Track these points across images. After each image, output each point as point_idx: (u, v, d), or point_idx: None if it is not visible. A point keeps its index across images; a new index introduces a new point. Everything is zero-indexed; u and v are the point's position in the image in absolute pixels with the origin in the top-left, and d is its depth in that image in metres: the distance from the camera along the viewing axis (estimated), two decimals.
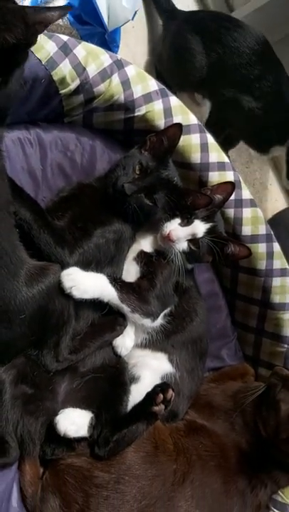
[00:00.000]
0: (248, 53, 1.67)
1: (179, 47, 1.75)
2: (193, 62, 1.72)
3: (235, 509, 1.28)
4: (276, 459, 1.31)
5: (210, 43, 1.71)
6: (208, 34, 1.72)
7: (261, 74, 1.67)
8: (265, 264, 1.54)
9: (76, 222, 1.21)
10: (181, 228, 1.29)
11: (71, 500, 1.14)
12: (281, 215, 2.22)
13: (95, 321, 1.25)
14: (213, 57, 1.71)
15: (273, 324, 1.60)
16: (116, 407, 1.22)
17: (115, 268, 1.29)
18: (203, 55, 1.72)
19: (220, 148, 1.48)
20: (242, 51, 1.67)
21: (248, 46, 1.68)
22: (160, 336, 1.35)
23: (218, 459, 1.30)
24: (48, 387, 1.17)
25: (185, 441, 1.30)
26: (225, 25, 1.74)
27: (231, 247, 1.33)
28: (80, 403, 1.19)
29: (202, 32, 1.73)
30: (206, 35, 1.72)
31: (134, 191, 1.21)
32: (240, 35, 1.69)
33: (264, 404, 1.34)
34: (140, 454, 1.21)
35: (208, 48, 1.71)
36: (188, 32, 1.74)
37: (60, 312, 1.13)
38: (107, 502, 1.13)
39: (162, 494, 1.18)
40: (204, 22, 1.80)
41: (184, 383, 1.38)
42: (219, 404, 1.44)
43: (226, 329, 1.69)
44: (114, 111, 1.34)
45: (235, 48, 1.68)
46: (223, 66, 1.70)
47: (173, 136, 1.29)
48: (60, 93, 1.22)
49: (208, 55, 1.71)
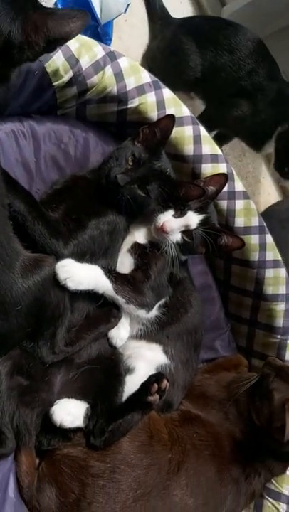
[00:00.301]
0: (241, 52, 1.68)
1: (174, 48, 1.77)
2: (187, 61, 1.74)
3: (230, 497, 1.30)
4: (269, 447, 1.33)
5: (203, 43, 1.73)
6: (202, 35, 1.74)
7: (254, 72, 1.69)
8: (258, 255, 1.55)
9: (70, 214, 1.21)
10: (174, 220, 1.30)
11: (67, 490, 1.15)
12: (274, 208, 2.24)
13: (90, 312, 1.26)
14: (207, 56, 1.72)
15: (266, 315, 1.61)
16: (111, 397, 1.23)
17: (110, 260, 1.29)
18: (197, 54, 1.73)
19: (213, 140, 1.49)
20: (234, 50, 1.68)
21: (240, 44, 1.69)
22: (155, 327, 1.36)
23: (213, 448, 1.32)
24: (43, 379, 1.18)
25: (180, 431, 1.31)
26: (217, 25, 1.76)
27: (224, 238, 1.34)
28: (76, 394, 1.20)
29: (195, 33, 1.75)
30: (200, 35, 1.74)
31: (127, 182, 1.21)
32: (232, 33, 1.71)
33: (257, 393, 1.36)
34: (135, 443, 1.22)
35: (202, 47, 1.73)
36: (182, 34, 1.76)
37: (55, 304, 1.13)
38: (102, 491, 1.15)
39: (157, 483, 1.19)
40: (197, 24, 1.82)
41: (178, 374, 1.39)
42: (213, 394, 1.45)
43: (220, 321, 1.70)
44: (108, 103, 1.34)
45: (227, 47, 1.69)
46: (217, 65, 1.71)
47: (166, 128, 1.30)
48: (54, 85, 1.22)
49: (202, 55, 1.73)
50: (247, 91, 1.67)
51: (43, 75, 1.18)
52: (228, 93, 1.70)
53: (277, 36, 2.03)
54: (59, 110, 1.34)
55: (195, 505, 1.23)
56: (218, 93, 1.72)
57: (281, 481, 1.51)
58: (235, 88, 1.68)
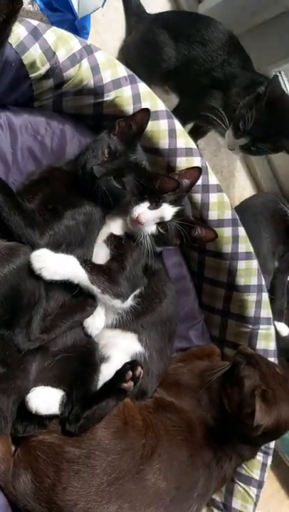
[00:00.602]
0: (213, 43, 1.71)
1: (148, 41, 1.78)
2: (160, 54, 1.76)
3: (201, 481, 1.33)
4: (240, 432, 1.37)
5: (176, 36, 1.75)
6: (175, 28, 1.76)
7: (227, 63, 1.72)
8: (230, 247, 1.58)
9: (46, 205, 1.23)
10: (149, 211, 1.32)
11: (43, 475, 1.17)
12: (247, 203, 2.28)
13: (66, 302, 1.27)
14: (180, 48, 1.75)
15: (238, 306, 1.65)
16: (87, 385, 1.24)
17: (85, 250, 1.31)
18: (171, 46, 1.75)
19: (187, 134, 1.52)
20: (207, 42, 1.71)
21: (213, 36, 1.72)
22: (130, 317, 1.38)
23: (185, 433, 1.35)
24: (19, 366, 1.19)
25: (153, 417, 1.35)
26: (189, 18, 1.79)
27: (198, 230, 1.37)
28: (52, 382, 1.22)
29: (169, 26, 1.77)
30: (173, 28, 1.76)
31: (103, 173, 1.23)
32: (204, 26, 1.74)
33: (229, 381, 1.40)
34: (110, 429, 1.25)
35: (175, 40, 1.75)
36: (155, 27, 1.78)
37: (31, 292, 1.15)
38: (77, 476, 1.17)
39: (131, 467, 1.22)
40: (170, 18, 1.84)
41: (152, 362, 1.42)
42: (186, 382, 1.49)
43: (194, 311, 1.74)
44: (84, 95, 1.36)
45: (200, 39, 1.72)
46: (190, 57, 1.74)
47: (141, 121, 1.32)
48: (30, 77, 1.23)
49: (175, 47, 1.75)
50: (220, 81, 1.70)
51: (20, 66, 1.19)
52: (201, 84, 1.72)
53: (252, 34, 2.06)
54: (36, 102, 1.35)
55: (168, 488, 1.26)
56: (191, 84, 1.74)
57: (251, 465, 1.56)
58: (208, 79, 1.71)
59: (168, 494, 1.26)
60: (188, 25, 1.74)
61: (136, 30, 1.88)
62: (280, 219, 2.25)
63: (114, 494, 1.18)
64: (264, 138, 1.45)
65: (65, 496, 1.15)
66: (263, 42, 2.07)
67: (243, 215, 1.87)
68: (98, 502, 1.17)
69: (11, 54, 1.16)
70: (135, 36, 1.86)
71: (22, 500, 1.17)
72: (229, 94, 1.69)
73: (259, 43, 2.04)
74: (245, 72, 1.72)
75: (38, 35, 1.19)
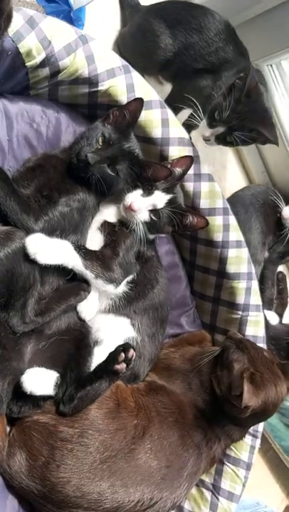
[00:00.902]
0: (209, 31, 1.73)
1: (144, 30, 1.79)
2: (157, 42, 1.77)
3: (191, 460, 1.37)
4: (229, 414, 1.40)
5: (173, 24, 1.77)
6: (171, 16, 1.77)
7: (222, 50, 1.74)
8: (221, 236, 1.61)
9: (41, 191, 1.25)
10: (142, 199, 1.35)
11: (37, 454, 1.21)
12: (238, 194, 2.32)
13: (60, 286, 1.30)
14: (177, 36, 1.76)
15: (228, 293, 1.69)
16: (80, 367, 1.28)
17: (79, 236, 1.33)
18: (167, 35, 1.77)
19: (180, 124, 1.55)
20: (203, 29, 1.73)
21: (209, 24, 1.74)
22: (123, 302, 1.41)
23: (176, 415, 1.39)
24: (14, 348, 1.22)
25: (145, 400, 1.38)
26: (185, 7, 1.80)
27: (190, 217, 1.40)
28: (46, 363, 1.25)
29: (165, 15, 1.78)
30: (169, 17, 1.78)
31: (97, 161, 1.26)
32: (200, 14, 1.75)
33: (219, 364, 1.43)
34: (103, 410, 1.29)
35: (171, 28, 1.77)
36: (152, 17, 1.80)
37: (26, 276, 1.18)
38: (71, 454, 1.21)
39: (123, 446, 1.26)
40: (166, 7, 1.85)
41: (145, 347, 1.46)
42: (178, 366, 1.53)
43: (186, 298, 1.78)
44: (79, 85, 1.38)
45: (196, 26, 1.73)
46: (186, 44, 1.75)
47: (135, 110, 1.34)
48: (26, 65, 1.24)
49: (171, 35, 1.77)
50: (213, 65, 1.72)
51: (16, 55, 1.20)
52: (194, 68, 1.74)
53: (244, 28, 2.08)
54: (31, 91, 1.37)
55: (158, 467, 1.30)
56: (185, 69, 1.76)
57: (240, 448, 1.60)
58: (202, 63, 1.73)
59: (159, 472, 1.30)
60: (184, 14, 1.75)
61: (131, 22, 1.90)
62: (270, 210, 2.28)
63: (107, 472, 1.22)
64: (240, 127, 1.47)
65: (58, 473, 1.19)
66: (255, 36, 2.09)
67: (234, 206, 1.90)
68: (91, 479, 1.20)
69: (7, 42, 1.18)
70: (131, 27, 1.88)
71: (16, 477, 1.21)
72: (219, 78, 1.71)
73: (251, 37, 2.06)
74: (239, 59, 1.74)
75: (35, 25, 1.20)
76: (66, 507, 1.21)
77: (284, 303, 2.45)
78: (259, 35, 2.10)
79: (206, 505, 1.59)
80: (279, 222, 2.30)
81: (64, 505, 1.21)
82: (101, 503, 1.21)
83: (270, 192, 2.34)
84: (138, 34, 1.82)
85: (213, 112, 1.46)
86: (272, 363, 1.40)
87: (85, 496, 1.20)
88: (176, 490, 1.34)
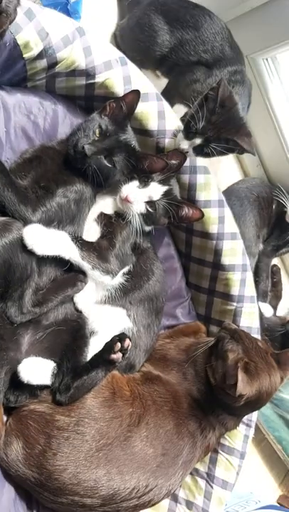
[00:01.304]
0: (206, 31, 1.74)
1: (143, 24, 1.80)
2: (155, 38, 1.78)
3: (187, 448, 1.39)
4: (223, 403, 1.42)
5: (171, 21, 1.78)
6: (170, 13, 1.79)
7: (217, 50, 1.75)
8: (217, 228, 1.63)
9: (39, 182, 1.26)
10: (138, 190, 1.36)
11: (34, 442, 1.22)
12: (234, 187, 2.33)
13: (57, 277, 1.31)
14: (174, 33, 1.78)
15: (223, 284, 1.71)
16: (77, 357, 1.29)
17: (76, 227, 1.34)
18: (165, 31, 1.78)
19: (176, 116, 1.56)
20: (200, 28, 1.74)
21: (206, 23, 1.75)
22: (119, 293, 1.43)
23: (171, 404, 1.41)
24: (11, 338, 1.23)
25: (141, 389, 1.40)
26: (185, 5, 1.82)
27: (185, 209, 1.42)
28: (43, 353, 1.26)
29: (164, 11, 1.79)
30: (168, 13, 1.79)
31: (93, 152, 1.26)
32: (199, 13, 1.77)
33: (213, 354, 1.45)
34: (99, 399, 1.30)
35: (170, 24, 1.78)
36: (151, 12, 1.81)
37: (23, 267, 1.18)
38: (67, 442, 1.22)
39: (119, 434, 1.28)
40: (166, 3, 1.86)
41: (140, 337, 1.47)
42: (173, 357, 1.54)
43: (181, 290, 1.79)
44: (76, 76, 1.38)
45: (193, 24, 1.75)
46: (182, 41, 1.77)
47: (131, 102, 1.35)
48: (24, 57, 1.25)
49: (169, 31, 1.78)
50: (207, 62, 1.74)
51: (14, 46, 1.21)
52: (189, 61, 1.76)
53: (239, 21, 2.09)
54: (29, 82, 1.37)
55: (154, 455, 1.31)
56: (180, 63, 1.77)
57: (234, 437, 1.63)
58: (196, 57, 1.74)
59: (154, 460, 1.31)
60: (183, 11, 1.77)
61: (130, 15, 1.90)
62: (265, 203, 2.30)
63: (103, 459, 1.24)
64: (216, 138, 1.47)
65: (55, 461, 1.21)
66: (250, 30, 2.10)
67: (229, 199, 1.92)
68: (87, 467, 1.22)
69: (5, 34, 1.18)
70: (129, 21, 1.88)
71: (13, 466, 1.22)
72: (211, 75, 1.73)
73: (247, 31, 2.07)
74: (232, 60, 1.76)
75: (32, 16, 1.21)
76: (63, 494, 1.23)
77: (278, 295, 2.48)
78: (254, 28, 2.11)
79: (201, 493, 1.61)
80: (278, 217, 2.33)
81: (60, 492, 1.22)
82: (97, 490, 1.23)
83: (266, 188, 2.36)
84: (137, 28, 1.83)
85: (188, 123, 1.47)
86: (267, 353, 1.41)
87: (81, 483, 1.21)
88: (171, 477, 1.36)
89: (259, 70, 2.22)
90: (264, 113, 2.31)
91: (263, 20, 2.07)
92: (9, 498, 1.26)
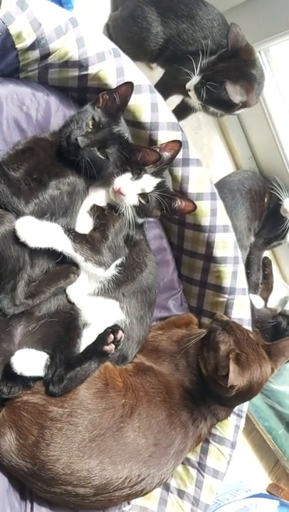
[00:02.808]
0: (201, 18, 1.74)
1: (136, 16, 1.80)
2: (149, 29, 1.78)
3: (178, 438, 1.41)
4: (215, 394, 1.44)
5: (164, 12, 1.78)
6: (163, 4, 1.78)
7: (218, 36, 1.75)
8: (209, 220, 1.63)
9: (31, 174, 1.25)
10: (131, 183, 1.36)
11: (27, 433, 1.23)
12: (226, 180, 2.33)
13: (50, 269, 1.31)
14: (168, 24, 1.77)
15: (215, 276, 1.72)
16: (70, 348, 1.29)
17: (69, 219, 1.34)
18: (159, 22, 1.78)
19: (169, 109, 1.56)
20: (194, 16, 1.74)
21: (201, 11, 1.75)
22: (112, 285, 1.43)
23: (164, 394, 1.42)
24: (4, 330, 1.23)
25: (133, 380, 1.41)
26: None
27: (178, 201, 1.42)
28: (36, 345, 1.27)
29: (157, 2, 1.79)
30: (161, 4, 1.78)
31: (86, 144, 1.26)
32: (192, 2, 1.76)
33: (205, 346, 1.47)
34: (92, 390, 1.31)
35: (163, 15, 1.78)
36: (144, 3, 1.80)
37: (15, 259, 1.18)
38: (60, 433, 1.23)
39: (112, 425, 1.29)
40: None
41: (133, 329, 1.48)
42: (165, 348, 1.56)
43: (173, 282, 1.80)
44: (69, 68, 1.37)
45: (187, 13, 1.74)
46: (178, 31, 1.76)
47: (124, 94, 1.34)
48: (17, 47, 1.24)
49: (163, 22, 1.78)
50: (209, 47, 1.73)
51: (7, 36, 1.20)
52: (188, 51, 1.75)
53: (232, 13, 2.08)
54: (21, 73, 1.36)
55: (146, 445, 1.33)
56: (177, 53, 1.77)
57: (225, 427, 1.65)
58: (194, 46, 1.74)
59: (147, 450, 1.33)
60: (176, 1, 1.77)
61: (123, 6, 1.89)
62: (257, 196, 2.31)
63: (96, 450, 1.25)
64: (211, 78, 1.47)
65: (48, 451, 1.22)
66: (242, 22, 2.09)
67: (221, 191, 1.93)
68: (80, 457, 1.23)
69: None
70: (123, 12, 1.87)
71: (6, 456, 1.23)
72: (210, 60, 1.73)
73: (240, 23, 2.06)
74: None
75: (25, 6, 1.19)
76: (56, 484, 1.24)
77: (269, 288, 2.50)
78: (247, 21, 2.10)
79: (192, 482, 1.63)
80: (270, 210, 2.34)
81: (54, 482, 1.24)
82: (90, 480, 1.24)
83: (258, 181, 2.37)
84: (130, 20, 1.82)
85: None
86: (258, 345, 1.43)
87: (74, 473, 1.23)
88: (163, 467, 1.38)
89: None
90: (256, 106, 2.31)
91: (256, 13, 2.07)
92: (2, 489, 1.27)
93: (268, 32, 2.08)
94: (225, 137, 2.50)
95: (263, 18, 2.06)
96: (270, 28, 2.06)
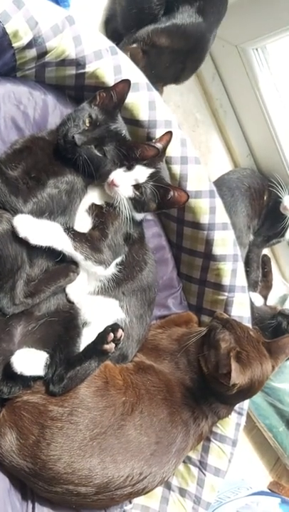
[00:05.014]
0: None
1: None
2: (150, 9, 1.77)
3: (180, 437, 1.41)
4: (216, 392, 1.44)
5: None
6: None
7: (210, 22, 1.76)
8: (208, 218, 1.63)
9: (29, 173, 1.25)
10: (124, 173, 1.35)
11: (27, 433, 1.23)
12: (224, 177, 2.33)
13: (49, 268, 1.31)
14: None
15: (214, 274, 1.71)
16: (69, 347, 1.29)
17: (68, 218, 1.33)
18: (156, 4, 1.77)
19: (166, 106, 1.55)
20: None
21: None
22: (111, 284, 1.43)
23: (165, 393, 1.42)
24: (4, 330, 1.23)
25: (134, 378, 1.41)
26: None
27: (172, 192, 1.40)
28: (36, 344, 1.26)
29: None
30: None
31: (84, 142, 1.26)
32: None
33: (206, 344, 1.46)
34: (92, 388, 1.31)
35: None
36: None
37: (14, 258, 1.18)
38: (61, 432, 1.23)
39: (112, 423, 1.29)
40: None
41: (133, 328, 1.48)
42: (165, 346, 1.55)
43: (172, 280, 1.80)
44: (66, 66, 1.37)
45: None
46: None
47: (122, 91, 1.34)
48: (13, 46, 1.23)
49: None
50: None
51: (3, 35, 1.19)
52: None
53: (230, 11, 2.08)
54: (18, 72, 1.36)
55: (148, 443, 1.33)
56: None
57: (226, 425, 1.65)
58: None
59: (148, 448, 1.33)
60: None
61: None
62: (256, 194, 2.31)
63: (97, 448, 1.25)
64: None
65: (49, 451, 1.21)
66: (240, 19, 2.10)
67: (220, 189, 1.93)
68: (81, 456, 1.23)
69: None
70: None
71: (7, 456, 1.23)
72: None
73: (237, 20, 2.07)
74: None
75: (21, 5, 1.19)
76: (57, 483, 1.24)
77: (268, 285, 2.50)
78: (245, 18, 2.11)
79: (194, 480, 1.63)
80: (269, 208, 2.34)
81: (55, 481, 1.23)
82: (91, 478, 1.24)
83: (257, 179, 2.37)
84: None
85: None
86: (258, 342, 1.43)
87: (75, 472, 1.23)
88: (165, 465, 1.38)
89: (249, 60, 2.22)
90: (254, 103, 2.32)
91: (253, 11, 2.07)
92: (4, 489, 1.27)
93: (265, 30, 2.08)
94: (223, 135, 2.50)
95: (260, 15, 2.06)
96: (266, 25, 2.06)
